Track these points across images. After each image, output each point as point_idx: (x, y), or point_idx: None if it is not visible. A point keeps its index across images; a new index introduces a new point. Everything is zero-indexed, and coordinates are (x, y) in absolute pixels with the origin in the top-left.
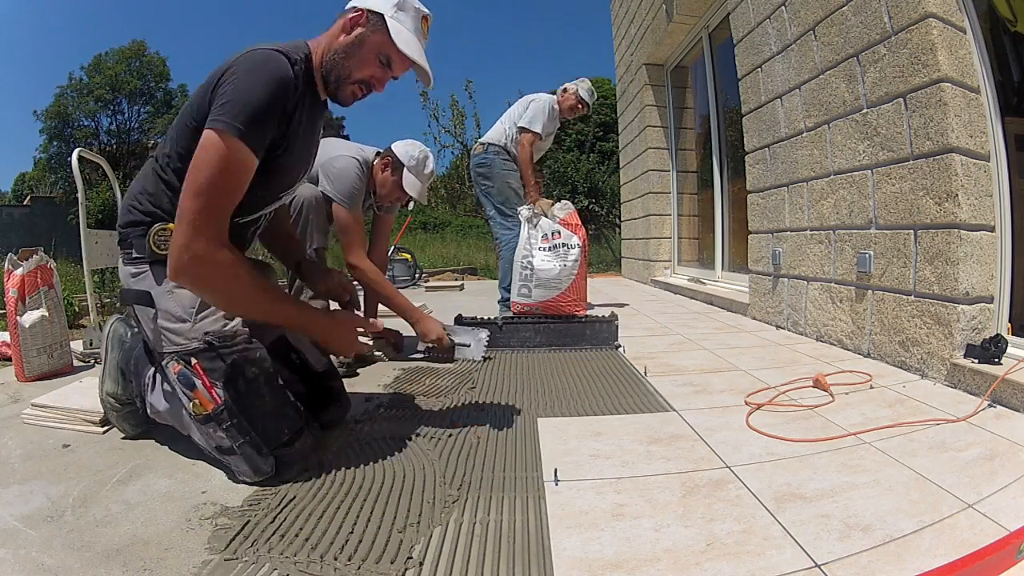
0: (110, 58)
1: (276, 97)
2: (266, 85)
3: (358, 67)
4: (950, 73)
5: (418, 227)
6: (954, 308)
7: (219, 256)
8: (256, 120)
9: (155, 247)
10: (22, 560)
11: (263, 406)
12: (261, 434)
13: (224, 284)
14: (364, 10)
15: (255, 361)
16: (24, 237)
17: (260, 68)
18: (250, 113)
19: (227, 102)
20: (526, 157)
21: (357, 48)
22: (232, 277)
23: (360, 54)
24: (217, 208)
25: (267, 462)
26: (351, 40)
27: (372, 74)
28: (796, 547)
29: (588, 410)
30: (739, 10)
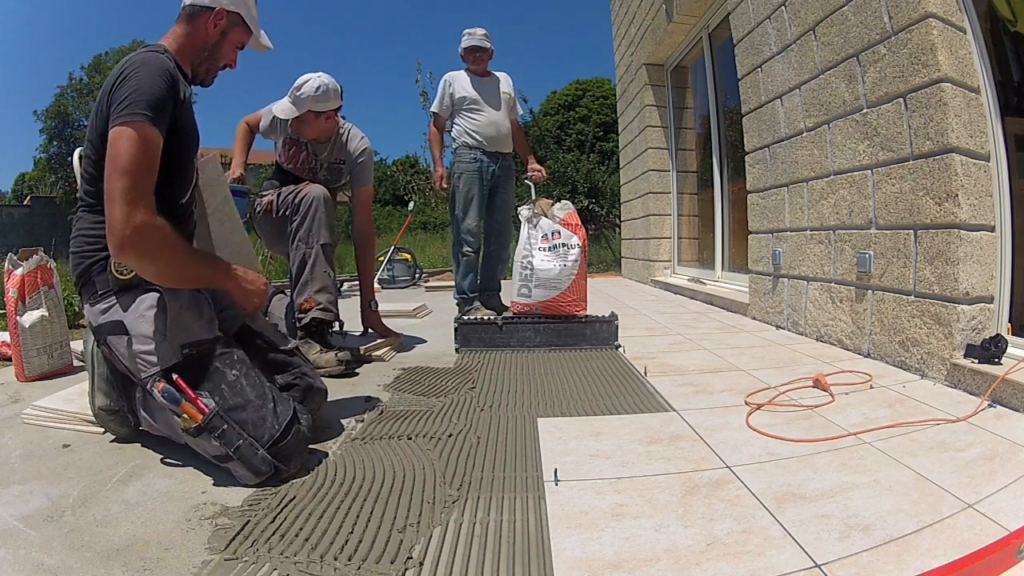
0: (110, 58)
1: (170, 84)
2: (159, 76)
3: (222, 58)
4: (950, 73)
5: (418, 227)
6: (954, 308)
7: (159, 223)
8: (158, 105)
9: (117, 273)
10: (22, 560)
11: (249, 406)
12: (253, 434)
13: (166, 251)
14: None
15: (234, 363)
16: (24, 237)
17: (150, 63)
18: (151, 100)
19: (127, 98)
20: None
21: (218, 44)
22: (172, 244)
23: (222, 48)
24: (144, 182)
25: (264, 462)
26: (212, 38)
27: (231, 58)
28: (796, 547)
29: (588, 410)
30: (739, 10)
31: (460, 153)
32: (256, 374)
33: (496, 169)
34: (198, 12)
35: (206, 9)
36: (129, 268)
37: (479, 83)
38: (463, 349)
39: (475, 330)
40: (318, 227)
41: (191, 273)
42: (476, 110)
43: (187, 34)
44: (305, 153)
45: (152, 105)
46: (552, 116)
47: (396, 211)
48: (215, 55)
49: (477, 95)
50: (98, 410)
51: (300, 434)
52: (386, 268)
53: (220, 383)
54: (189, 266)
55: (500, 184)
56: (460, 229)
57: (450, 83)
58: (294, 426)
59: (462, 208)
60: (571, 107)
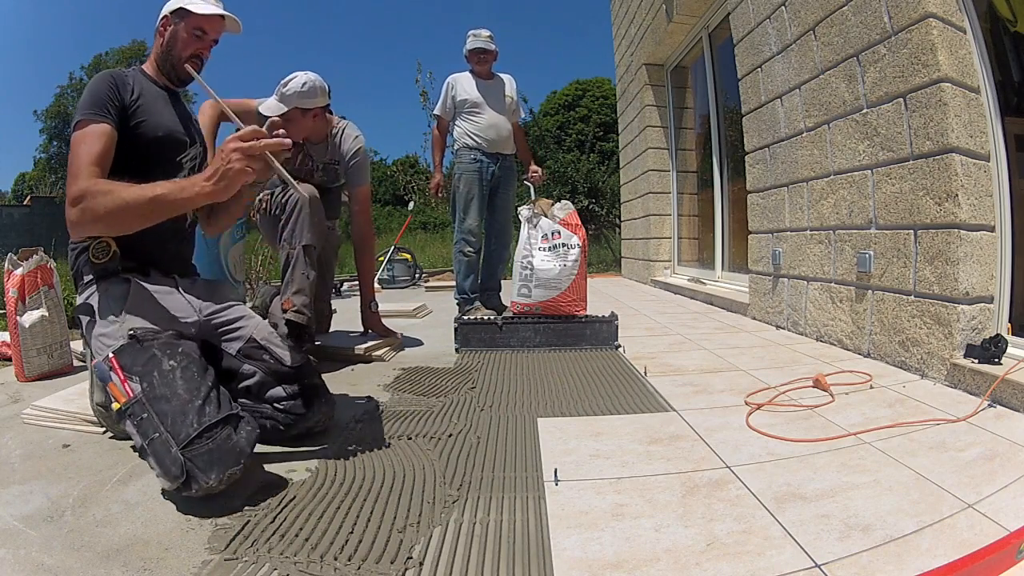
0: (110, 58)
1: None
2: (97, 81)
3: (184, 49)
4: (950, 73)
5: (418, 227)
6: (954, 308)
7: (95, 185)
8: (94, 102)
9: (93, 258)
10: (22, 560)
11: (175, 399)
12: (170, 429)
13: (105, 201)
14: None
15: (176, 354)
16: (24, 237)
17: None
18: (87, 101)
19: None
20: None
21: (174, 39)
22: (107, 192)
23: (180, 42)
24: (85, 158)
25: (176, 463)
26: (167, 38)
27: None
28: (796, 547)
29: (588, 410)
30: (739, 10)
31: (460, 154)
32: (198, 371)
33: (496, 170)
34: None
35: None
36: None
37: (482, 85)
38: (463, 349)
39: (475, 330)
40: (301, 228)
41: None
42: (477, 112)
43: (154, 48)
44: (302, 155)
45: (89, 104)
46: (552, 116)
47: (396, 211)
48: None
49: (479, 97)
50: (96, 406)
51: (227, 442)
52: (386, 268)
53: (152, 370)
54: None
55: (501, 184)
56: (461, 229)
57: (452, 85)
58: (219, 430)
59: (463, 208)
60: (571, 107)
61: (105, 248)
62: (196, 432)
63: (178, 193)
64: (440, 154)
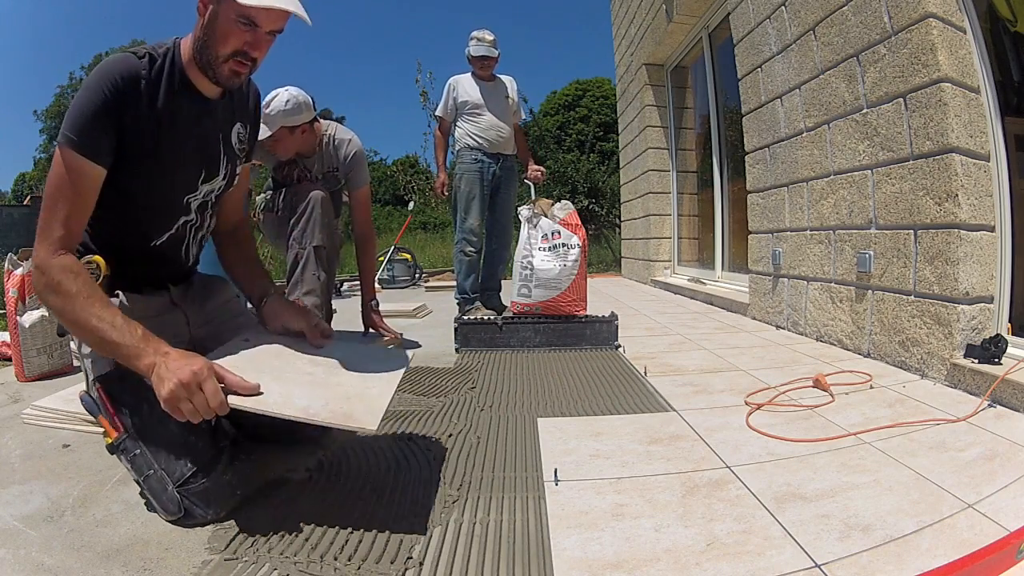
0: None
1: (108, 98)
2: (96, 89)
3: (223, 42)
4: (950, 73)
5: (418, 227)
6: (954, 308)
7: (51, 262)
8: (85, 126)
9: None
10: (22, 560)
11: (166, 434)
12: (164, 467)
13: (55, 301)
14: None
15: None
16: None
17: (95, 74)
18: (78, 120)
19: (66, 114)
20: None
21: (214, 24)
22: (62, 291)
23: (219, 28)
24: (56, 216)
25: (172, 501)
26: (206, 20)
27: (241, 42)
28: (796, 547)
29: (588, 410)
30: (739, 10)
31: (462, 154)
32: None
33: (497, 170)
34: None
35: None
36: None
37: (484, 87)
38: (463, 349)
39: (475, 330)
40: (313, 229)
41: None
42: (478, 113)
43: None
44: (299, 170)
45: (77, 125)
46: (552, 116)
47: (396, 211)
48: (209, 36)
49: (480, 99)
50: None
51: (223, 477)
52: (386, 268)
53: (142, 403)
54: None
55: (501, 185)
56: (462, 229)
57: (454, 87)
58: (215, 467)
59: (464, 208)
60: (571, 107)
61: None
62: (191, 471)
63: (132, 356)
64: (443, 154)
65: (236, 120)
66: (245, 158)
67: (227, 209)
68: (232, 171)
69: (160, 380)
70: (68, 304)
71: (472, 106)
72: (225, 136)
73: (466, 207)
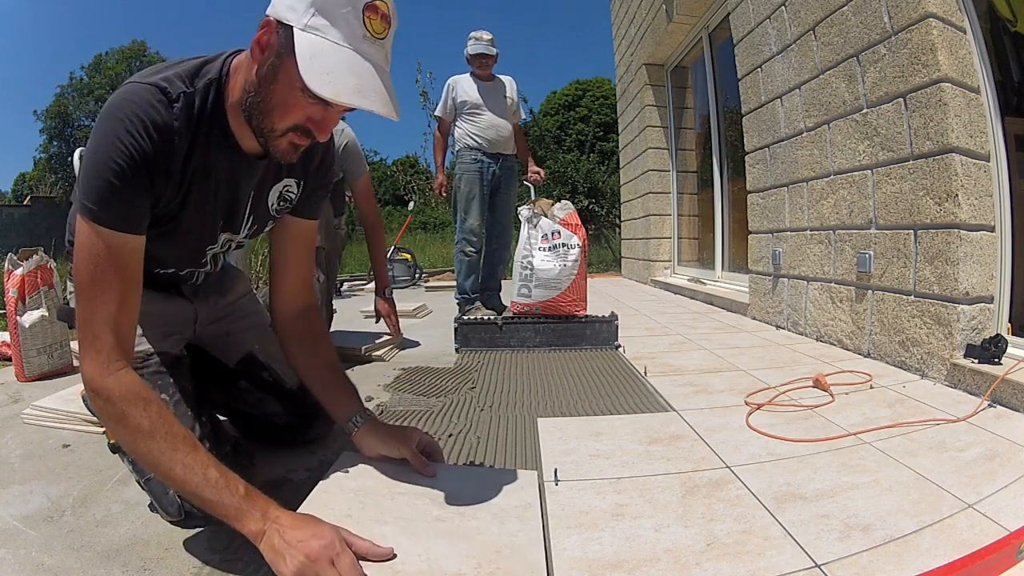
0: (111, 58)
1: (137, 158)
2: (122, 147)
3: (281, 113)
4: (950, 73)
5: (418, 227)
6: (954, 308)
7: (109, 385)
8: (115, 196)
9: None
10: (22, 560)
11: None
12: None
13: (118, 426)
14: (274, 22)
15: (168, 386)
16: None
17: (117, 119)
18: (105, 188)
19: (83, 170)
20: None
21: (271, 85)
22: (118, 419)
23: (277, 93)
24: (100, 313)
25: (172, 504)
26: (264, 74)
27: (304, 117)
28: (796, 547)
29: (588, 410)
30: (739, 10)
31: (461, 154)
32: (191, 407)
33: (497, 170)
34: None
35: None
36: None
37: (483, 87)
38: (463, 349)
39: (475, 330)
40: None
41: (169, 482)
42: (478, 113)
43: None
44: None
45: (104, 196)
46: (552, 116)
47: (396, 211)
48: (264, 101)
49: (479, 98)
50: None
51: None
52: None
53: None
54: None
55: (501, 185)
56: (462, 229)
57: (453, 87)
58: None
59: (464, 209)
60: (571, 107)
61: None
62: None
63: (232, 517)
64: (442, 155)
65: (284, 177)
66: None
67: (287, 288)
68: (258, 229)
69: (277, 554)
70: (142, 444)
71: (471, 106)
72: (259, 194)
73: (466, 207)
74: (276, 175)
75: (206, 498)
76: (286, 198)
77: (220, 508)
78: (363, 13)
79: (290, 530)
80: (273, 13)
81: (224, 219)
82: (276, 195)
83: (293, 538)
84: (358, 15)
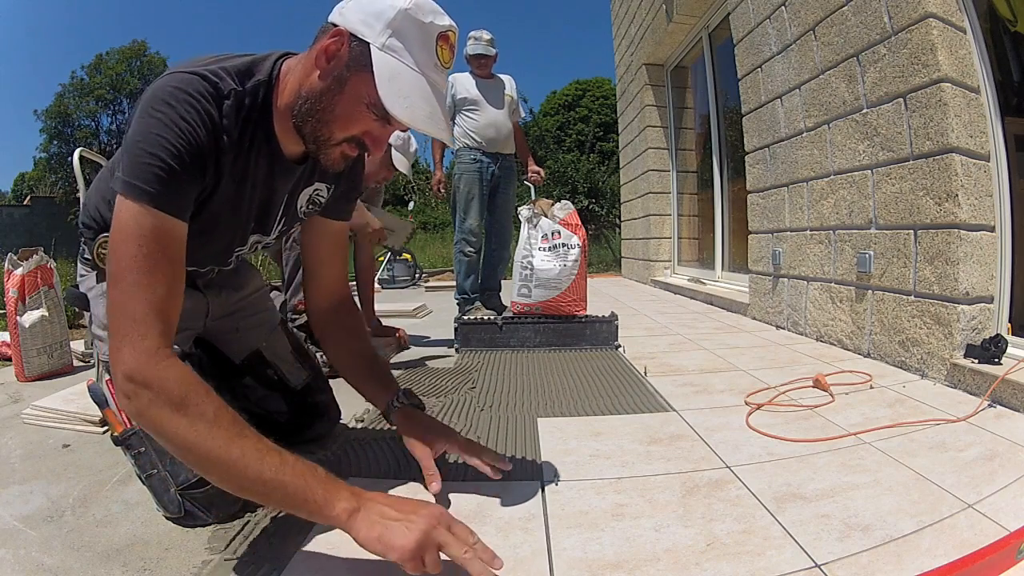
0: (111, 58)
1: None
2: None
3: (342, 124)
4: (950, 73)
5: (418, 227)
6: (954, 308)
7: (159, 373)
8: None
9: (99, 260)
10: (22, 560)
11: None
12: (169, 469)
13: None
14: (346, 34)
15: None
16: (24, 237)
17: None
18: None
19: (130, 151)
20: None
21: (335, 95)
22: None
23: (341, 104)
24: (145, 298)
25: (173, 502)
26: (327, 83)
27: (363, 130)
28: (796, 547)
29: (588, 410)
30: (739, 10)
31: (460, 154)
32: None
33: (496, 169)
34: (321, 34)
35: (329, 29)
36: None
37: (482, 84)
38: (463, 349)
39: (475, 330)
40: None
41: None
42: (477, 110)
43: (303, 66)
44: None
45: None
46: (552, 116)
47: (396, 211)
48: (324, 111)
49: (479, 96)
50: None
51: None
52: (386, 268)
53: None
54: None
55: (501, 184)
56: (461, 229)
57: (452, 84)
58: None
59: (463, 208)
60: (571, 107)
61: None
62: (196, 478)
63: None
64: (440, 152)
65: (316, 182)
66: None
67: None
68: (286, 231)
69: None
70: (205, 434)
71: (470, 102)
72: (292, 197)
73: (465, 207)
74: (309, 179)
75: (287, 482)
76: (315, 201)
77: (303, 492)
78: (436, 42)
79: (394, 504)
80: (344, 24)
81: (256, 221)
82: (306, 198)
83: (404, 508)
84: (432, 43)
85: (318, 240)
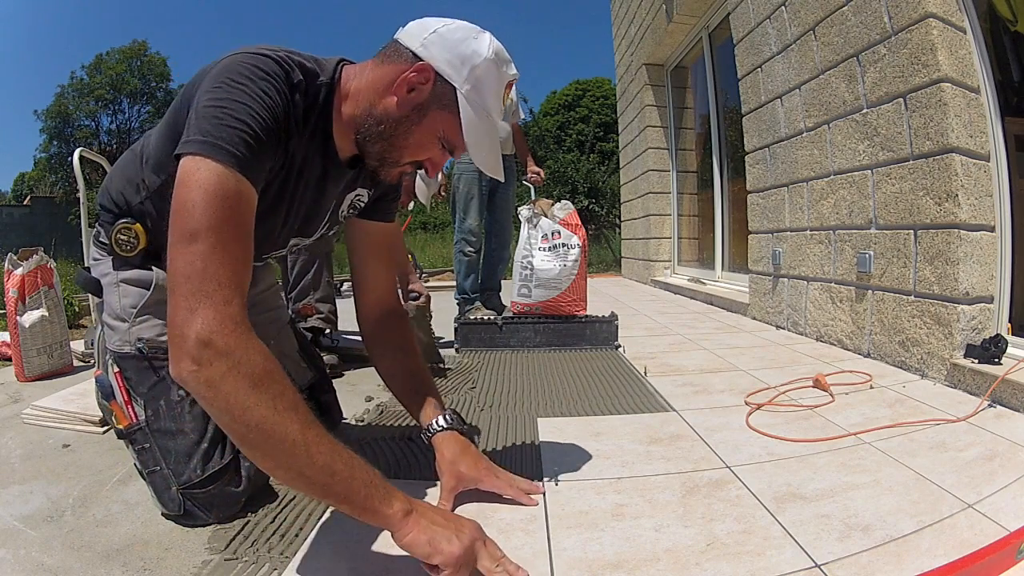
0: (111, 58)
1: (277, 111)
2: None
3: (413, 151)
4: (950, 73)
5: (418, 227)
6: (954, 308)
7: (243, 342)
8: (254, 140)
9: (116, 245)
10: (22, 560)
11: (180, 436)
12: (172, 468)
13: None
14: (432, 71)
15: None
16: (24, 237)
17: (248, 77)
18: (242, 129)
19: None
20: None
21: (413, 125)
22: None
23: (416, 134)
24: (226, 263)
25: (173, 501)
26: (406, 112)
27: (426, 157)
28: (796, 547)
29: (588, 410)
30: (739, 10)
31: None
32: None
33: None
34: (396, 56)
35: (408, 57)
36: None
37: None
38: (463, 349)
39: (475, 330)
40: None
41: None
42: None
43: (371, 82)
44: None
45: (241, 137)
46: (552, 116)
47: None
48: (397, 136)
49: None
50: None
51: (228, 488)
52: None
53: (160, 397)
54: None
55: (500, 185)
56: (461, 229)
57: None
58: (222, 477)
59: (463, 208)
60: (571, 107)
61: (132, 242)
62: (199, 478)
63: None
64: None
65: (359, 186)
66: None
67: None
68: (324, 234)
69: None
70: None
71: None
72: (339, 202)
73: (465, 207)
74: (353, 184)
75: (356, 477)
76: (355, 206)
77: (367, 488)
78: (504, 90)
79: (441, 513)
80: (430, 60)
81: (303, 221)
82: (348, 203)
83: (450, 518)
84: (502, 91)
85: (364, 245)
